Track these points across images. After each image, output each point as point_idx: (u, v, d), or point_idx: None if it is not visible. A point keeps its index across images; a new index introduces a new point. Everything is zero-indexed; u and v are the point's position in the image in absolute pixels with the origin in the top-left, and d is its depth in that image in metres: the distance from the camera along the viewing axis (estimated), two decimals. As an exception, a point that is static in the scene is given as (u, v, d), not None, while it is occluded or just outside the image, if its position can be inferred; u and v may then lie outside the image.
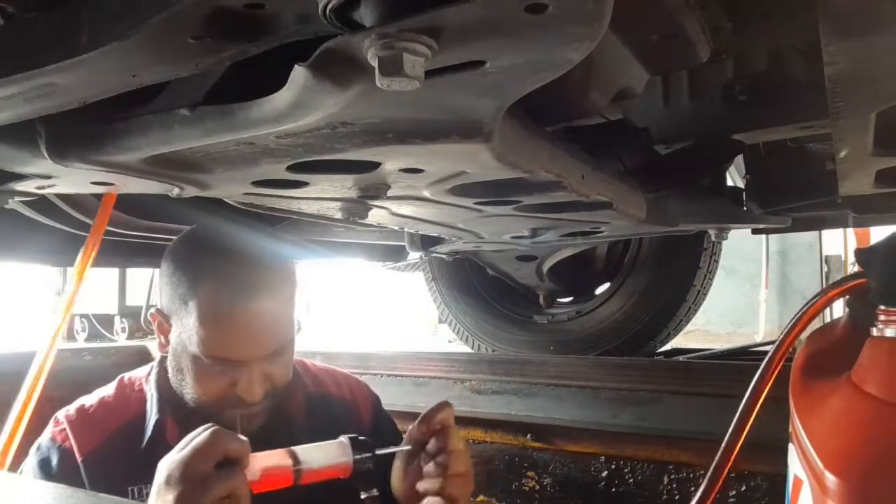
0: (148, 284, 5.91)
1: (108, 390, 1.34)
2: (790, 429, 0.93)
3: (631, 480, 1.85)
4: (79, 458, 1.21)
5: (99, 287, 6.33)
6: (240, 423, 1.20)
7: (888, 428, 0.81)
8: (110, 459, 1.18)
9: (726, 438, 0.99)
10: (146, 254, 1.91)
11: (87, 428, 1.25)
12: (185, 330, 1.19)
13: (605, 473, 1.88)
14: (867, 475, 0.79)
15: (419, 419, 1.19)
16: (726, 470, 1.00)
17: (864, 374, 0.85)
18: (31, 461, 1.25)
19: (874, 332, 0.87)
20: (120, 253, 1.86)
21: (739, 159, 1.90)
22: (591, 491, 1.88)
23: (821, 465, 0.81)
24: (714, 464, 0.99)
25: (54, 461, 1.22)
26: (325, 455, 1.08)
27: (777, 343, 0.99)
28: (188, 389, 1.23)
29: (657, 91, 1.60)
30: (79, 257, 1.40)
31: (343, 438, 1.10)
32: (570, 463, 1.94)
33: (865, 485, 0.79)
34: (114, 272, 6.24)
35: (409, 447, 1.19)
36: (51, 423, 1.29)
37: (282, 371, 1.25)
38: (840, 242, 6.41)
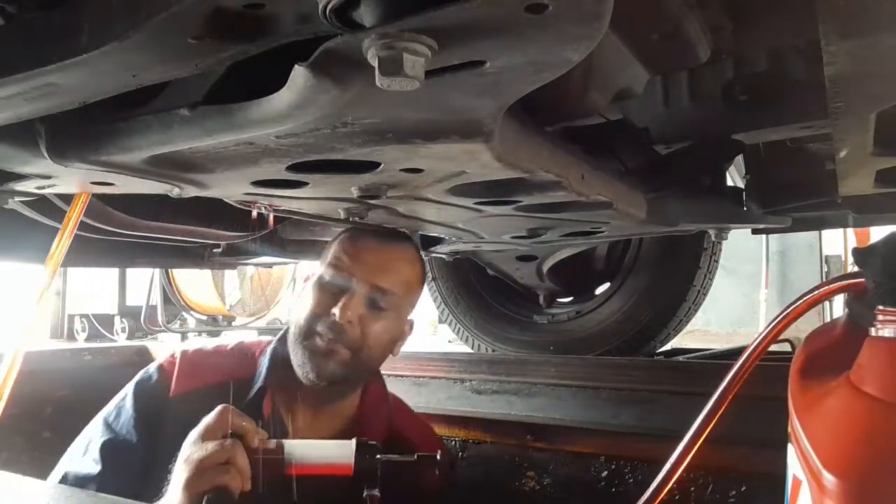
0: (148, 284, 5.91)
1: (226, 345, 1.48)
2: (789, 429, 0.93)
3: (631, 480, 1.85)
4: (171, 394, 1.35)
5: (99, 287, 6.33)
6: (314, 368, 1.30)
7: (887, 428, 0.81)
8: (199, 408, 1.22)
9: (694, 427, 1.01)
10: (146, 254, 1.91)
11: (192, 372, 1.38)
12: (322, 262, 1.39)
13: (605, 473, 1.88)
14: (866, 475, 0.79)
15: None
16: (686, 461, 1.01)
17: (863, 375, 0.85)
18: (138, 376, 1.40)
19: (873, 332, 0.87)
20: (120, 253, 1.86)
21: (739, 159, 1.90)
22: (591, 491, 1.88)
23: (819, 465, 0.82)
24: (675, 455, 1.00)
25: (151, 383, 1.37)
26: (324, 451, 1.12)
27: (764, 333, 0.99)
28: (300, 314, 1.35)
29: (657, 91, 1.59)
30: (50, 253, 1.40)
31: (352, 440, 1.13)
32: (570, 463, 1.94)
33: (864, 485, 0.79)
34: (114, 272, 6.23)
35: (414, 457, 1.21)
36: (170, 352, 1.44)
37: (378, 326, 1.35)
38: (840, 242, 6.41)
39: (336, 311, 1.31)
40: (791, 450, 0.91)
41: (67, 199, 1.41)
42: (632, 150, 1.59)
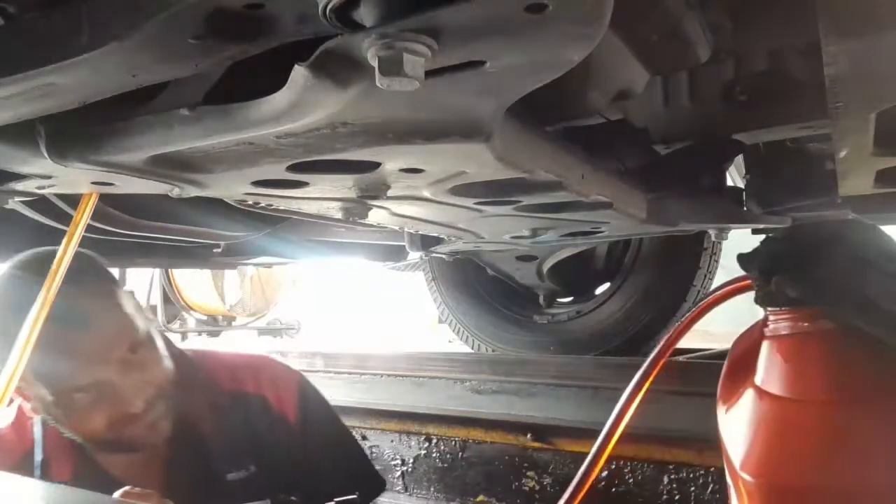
0: (148, 284, 5.91)
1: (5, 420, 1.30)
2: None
3: (631, 480, 1.85)
4: None
5: (99, 287, 6.33)
6: (140, 442, 1.18)
7: (790, 423, 0.83)
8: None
9: (606, 428, 1.04)
10: (146, 254, 1.91)
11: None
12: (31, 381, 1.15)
13: (605, 473, 1.88)
14: (775, 471, 0.81)
15: None
16: (604, 457, 1.03)
17: (762, 374, 0.87)
18: None
19: (766, 332, 0.89)
20: (120, 253, 1.86)
21: (739, 159, 1.90)
22: (592, 491, 1.88)
23: (736, 465, 0.83)
24: (593, 451, 1.03)
25: None
26: None
27: (659, 347, 1.03)
28: (75, 432, 1.18)
29: (657, 91, 1.59)
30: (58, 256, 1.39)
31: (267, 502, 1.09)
32: (570, 463, 1.94)
33: (774, 481, 0.80)
34: (114, 272, 6.24)
35: (332, 503, 1.17)
36: None
37: (147, 372, 1.21)
38: (840, 242, 6.40)
39: (125, 408, 1.18)
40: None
41: (67, 198, 1.41)
42: (632, 150, 1.59)
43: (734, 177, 2.31)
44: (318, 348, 2.79)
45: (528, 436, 1.99)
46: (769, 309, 0.90)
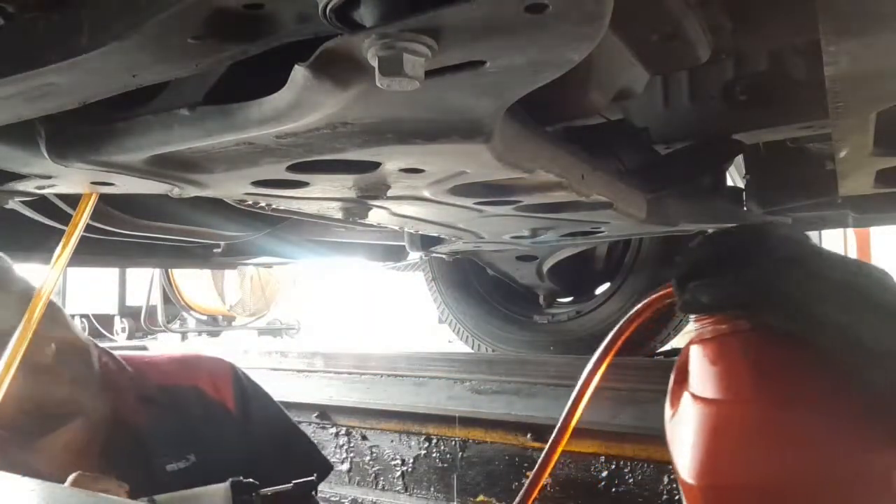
0: (148, 284, 5.91)
1: None
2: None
3: (631, 480, 1.85)
4: None
5: (99, 287, 6.33)
6: (72, 446, 1.16)
7: (716, 424, 0.83)
8: None
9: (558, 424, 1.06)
10: (146, 254, 1.91)
11: None
12: None
13: (605, 473, 1.88)
14: (711, 473, 0.81)
15: None
16: (556, 454, 1.05)
17: (693, 379, 0.88)
18: None
19: (693, 338, 0.90)
20: (120, 253, 1.86)
21: (739, 159, 1.90)
22: (591, 491, 1.88)
23: (679, 471, 0.84)
24: (546, 447, 1.05)
25: None
26: (200, 500, 1.06)
27: (595, 358, 1.06)
28: None
29: (657, 91, 1.59)
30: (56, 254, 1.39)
31: (226, 483, 1.07)
32: (570, 463, 1.94)
33: (712, 482, 0.81)
34: (114, 272, 6.23)
35: (290, 486, 1.16)
36: None
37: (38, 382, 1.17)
38: (840, 242, 6.40)
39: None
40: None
41: (67, 198, 1.41)
42: (632, 150, 1.59)
43: (734, 177, 2.31)
44: (318, 348, 2.80)
45: (528, 436, 1.99)
46: (692, 316, 0.91)
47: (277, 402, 1.52)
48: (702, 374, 0.89)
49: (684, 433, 0.88)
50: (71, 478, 1.02)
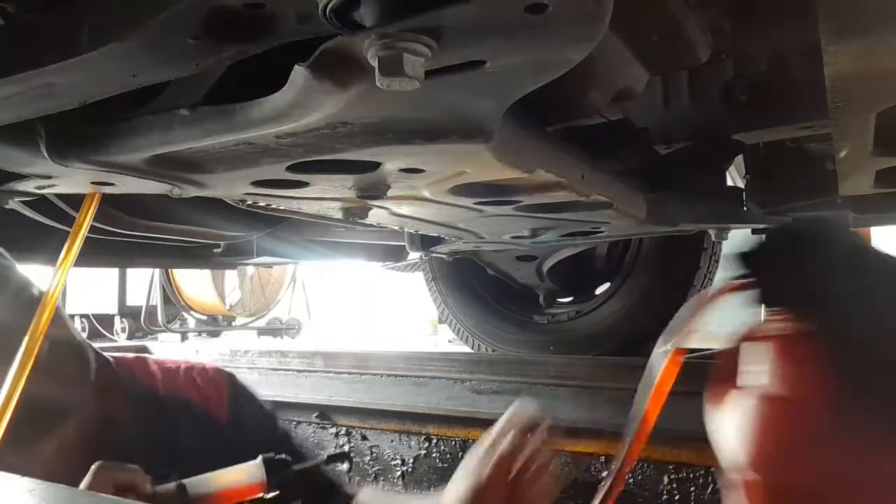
0: (148, 284, 5.91)
1: None
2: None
3: (631, 480, 1.85)
4: None
5: (99, 287, 6.33)
6: (64, 448, 1.15)
7: (775, 420, 0.83)
8: None
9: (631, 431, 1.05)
10: (146, 254, 1.91)
11: None
12: None
13: (605, 473, 1.88)
14: (764, 467, 0.81)
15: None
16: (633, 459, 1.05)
17: (752, 377, 0.88)
18: None
19: (753, 333, 0.89)
20: (120, 253, 1.86)
21: (739, 159, 1.90)
22: (591, 491, 1.88)
23: (734, 467, 0.84)
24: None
25: None
26: (233, 478, 1.05)
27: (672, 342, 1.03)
28: None
29: (657, 91, 1.60)
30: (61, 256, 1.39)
31: (258, 459, 1.06)
32: (570, 463, 1.94)
33: (768, 479, 0.81)
34: (114, 272, 6.23)
35: (323, 458, 1.15)
36: None
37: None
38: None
39: None
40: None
41: (67, 198, 1.41)
42: (632, 150, 1.59)
43: (734, 177, 2.31)
44: (318, 348, 2.80)
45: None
46: (764, 311, 0.90)
47: (275, 417, 1.51)
48: (765, 372, 0.88)
49: (737, 428, 0.88)
50: (94, 467, 1.01)
